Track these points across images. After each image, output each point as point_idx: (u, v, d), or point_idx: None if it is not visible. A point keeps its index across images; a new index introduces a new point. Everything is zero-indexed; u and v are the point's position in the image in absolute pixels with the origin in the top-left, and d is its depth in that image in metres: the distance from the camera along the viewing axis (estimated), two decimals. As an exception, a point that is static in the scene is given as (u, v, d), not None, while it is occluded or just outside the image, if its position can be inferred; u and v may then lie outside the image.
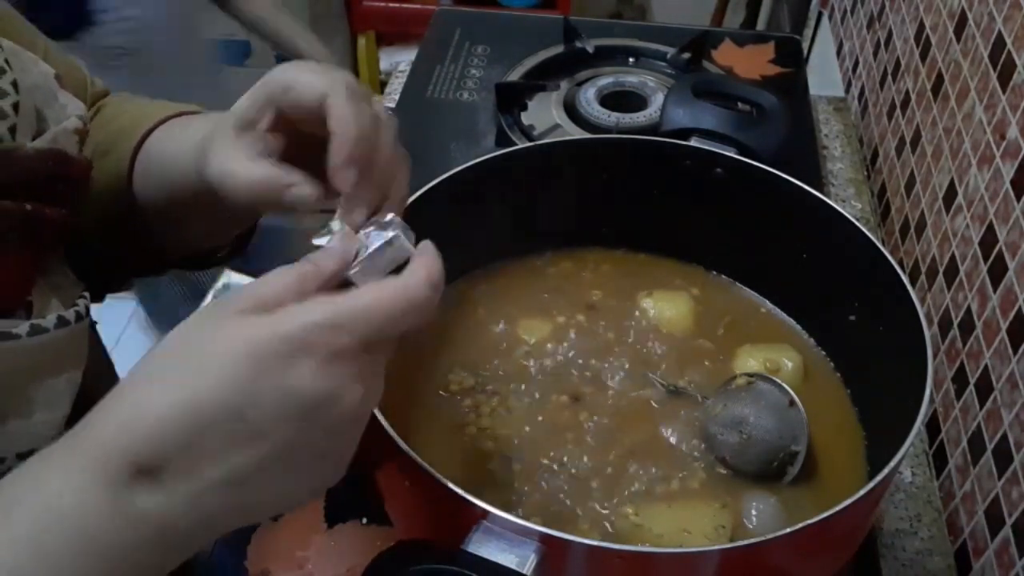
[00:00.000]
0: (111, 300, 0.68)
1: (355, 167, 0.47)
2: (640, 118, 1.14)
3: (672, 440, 0.66)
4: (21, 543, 0.37)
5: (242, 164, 0.50)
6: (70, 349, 0.51)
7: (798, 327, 0.76)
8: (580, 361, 0.72)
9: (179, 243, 0.67)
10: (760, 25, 2.20)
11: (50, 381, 0.49)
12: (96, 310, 0.61)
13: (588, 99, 1.16)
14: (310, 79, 0.49)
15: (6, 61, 0.50)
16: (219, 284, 0.47)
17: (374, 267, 0.45)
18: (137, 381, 0.40)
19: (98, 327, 0.65)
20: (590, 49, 1.27)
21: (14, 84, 0.49)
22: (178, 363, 0.40)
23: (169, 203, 0.61)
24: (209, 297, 0.46)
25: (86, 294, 0.54)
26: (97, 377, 0.55)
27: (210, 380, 0.38)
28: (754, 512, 0.62)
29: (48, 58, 0.60)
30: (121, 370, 0.71)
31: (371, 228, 0.47)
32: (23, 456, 0.46)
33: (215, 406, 0.38)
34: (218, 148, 0.52)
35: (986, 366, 0.80)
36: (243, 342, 0.38)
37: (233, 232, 0.68)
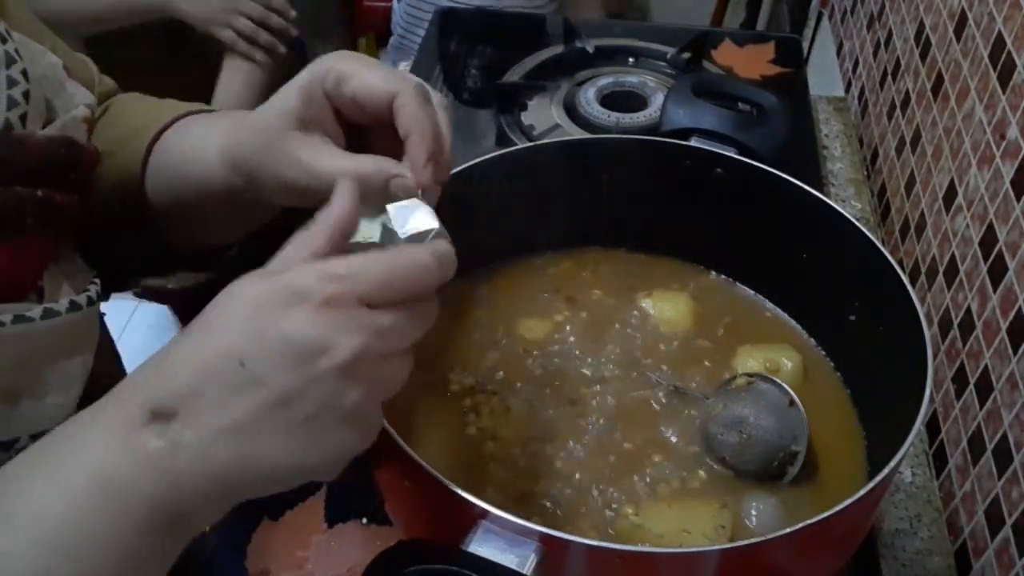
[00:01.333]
0: (112, 299, 0.68)
1: (432, 161, 0.50)
2: (640, 118, 1.14)
3: (672, 440, 0.66)
4: (43, 480, 0.40)
5: (332, 159, 0.52)
6: (82, 332, 0.52)
7: (798, 327, 0.76)
8: (580, 361, 0.72)
9: (190, 241, 0.67)
10: (760, 25, 2.19)
11: (63, 364, 0.50)
12: (102, 306, 0.61)
13: (588, 99, 1.16)
14: (374, 78, 0.50)
15: (16, 51, 0.51)
16: None
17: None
18: (166, 345, 0.42)
19: (106, 318, 0.66)
20: (590, 49, 1.27)
21: (24, 73, 0.50)
22: (198, 325, 0.42)
23: (186, 201, 0.62)
24: None
25: (96, 280, 0.55)
26: (105, 365, 0.55)
27: (216, 330, 0.41)
28: (754, 512, 0.62)
29: (56, 51, 0.61)
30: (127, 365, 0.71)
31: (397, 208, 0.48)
32: (36, 438, 0.47)
33: (217, 353, 0.40)
34: (287, 148, 0.52)
35: (986, 366, 0.80)
36: (248, 295, 0.41)
37: (248, 229, 0.68)
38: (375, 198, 0.50)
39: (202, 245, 0.68)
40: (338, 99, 0.52)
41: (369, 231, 0.48)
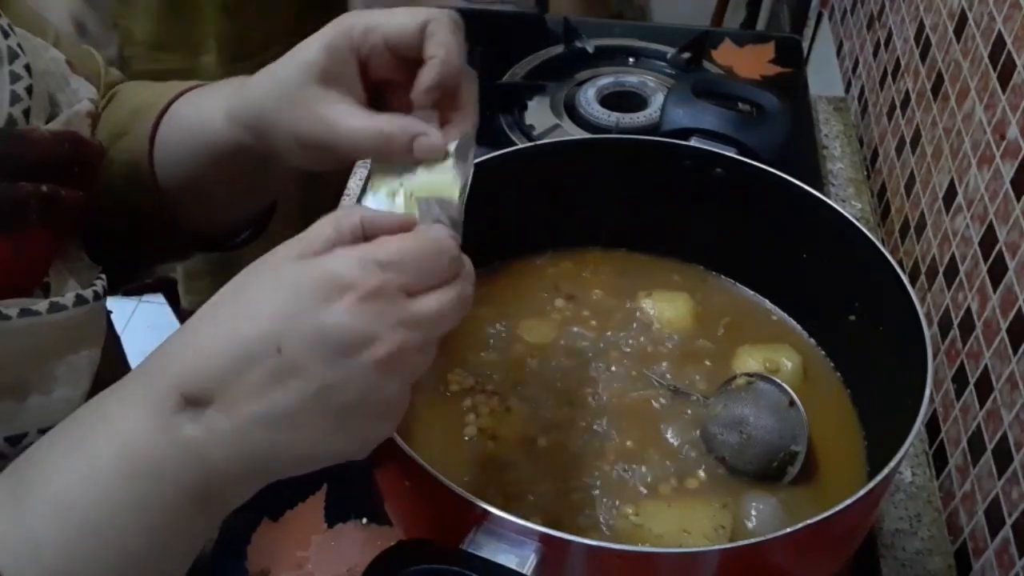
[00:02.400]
0: (112, 299, 0.68)
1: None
2: (640, 118, 1.14)
3: (672, 440, 0.66)
4: (67, 459, 0.40)
5: (355, 117, 0.50)
6: (89, 327, 0.52)
7: (798, 327, 0.76)
8: (580, 361, 0.72)
9: (202, 220, 0.66)
10: (760, 25, 2.19)
11: (70, 358, 0.50)
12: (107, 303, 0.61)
13: (588, 99, 1.17)
14: (402, 14, 0.50)
15: (18, 46, 0.50)
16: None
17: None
18: (193, 321, 0.42)
19: (112, 316, 0.66)
20: (590, 49, 1.27)
21: (27, 68, 0.50)
22: (228, 302, 0.41)
23: (194, 174, 0.61)
24: None
25: (102, 275, 0.55)
26: (110, 363, 0.55)
27: (252, 314, 0.40)
28: (754, 512, 0.62)
29: (59, 46, 0.61)
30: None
31: None
32: (45, 431, 0.47)
33: (254, 339, 0.39)
34: (307, 102, 0.50)
35: (986, 366, 0.80)
36: (285, 279, 0.40)
37: (260, 203, 0.67)
38: (400, 159, 0.49)
39: (214, 225, 0.67)
40: (367, 49, 0.50)
41: (390, 188, 0.48)
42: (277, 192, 0.67)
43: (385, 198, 0.49)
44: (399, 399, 0.42)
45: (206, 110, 0.59)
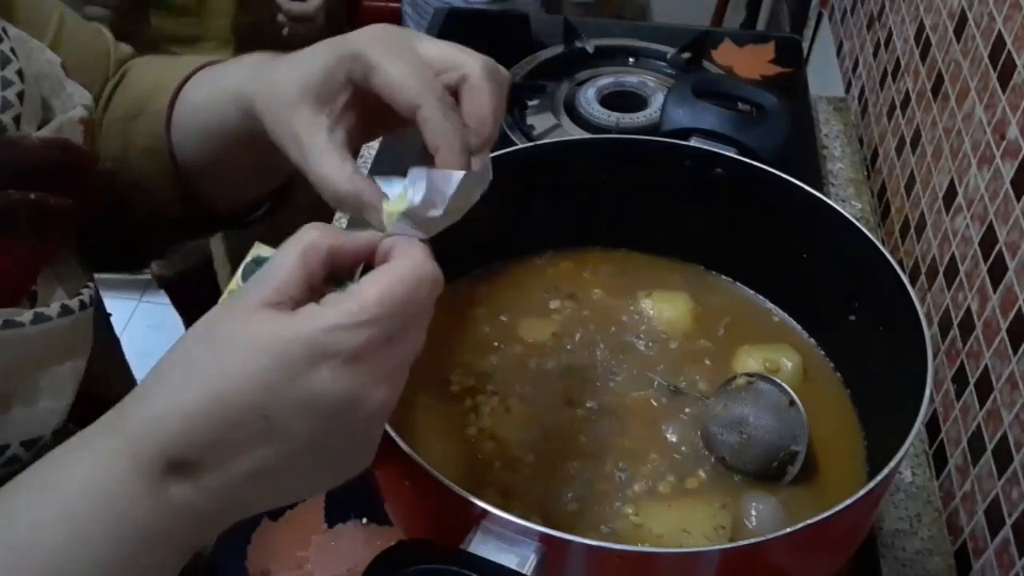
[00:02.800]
0: (112, 299, 0.68)
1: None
2: (640, 118, 1.14)
3: (672, 440, 0.66)
4: (56, 525, 0.39)
5: (329, 163, 0.48)
6: (74, 338, 0.51)
7: (798, 327, 0.76)
8: (580, 361, 0.72)
9: (224, 197, 0.65)
10: (760, 25, 2.19)
11: (54, 369, 0.49)
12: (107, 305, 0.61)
13: (588, 99, 1.17)
14: (398, 76, 0.46)
15: (11, 50, 0.50)
16: (248, 259, 0.46)
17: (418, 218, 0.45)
18: (170, 371, 0.41)
19: (111, 319, 0.66)
20: (590, 49, 1.27)
21: (19, 73, 0.49)
22: (208, 356, 0.40)
23: (210, 153, 0.61)
24: (238, 274, 0.46)
25: (90, 284, 0.54)
26: (108, 363, 0.55)
27: (237, 379, 0.39)
28: (754, 512, 0.62)
29: (63, 28, 0.60)
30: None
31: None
32: (27, 444, 0.46)
33: (241, 405, 0.38)
34: (294, 122, 0.49)
35: (986, 366, 0.80)
36: (266, 343, 0.39)
37: (276, 179, 0.66)
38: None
39: (234, 201, 0.67)
40: (365, 89, 0.49)
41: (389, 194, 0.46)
42: (290, 172, 0.65)
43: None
44: (381, 433, 0.43)
45: (215, 97, 0.58)
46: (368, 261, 0.44)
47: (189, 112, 0.61)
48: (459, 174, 0.45)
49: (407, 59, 0.48)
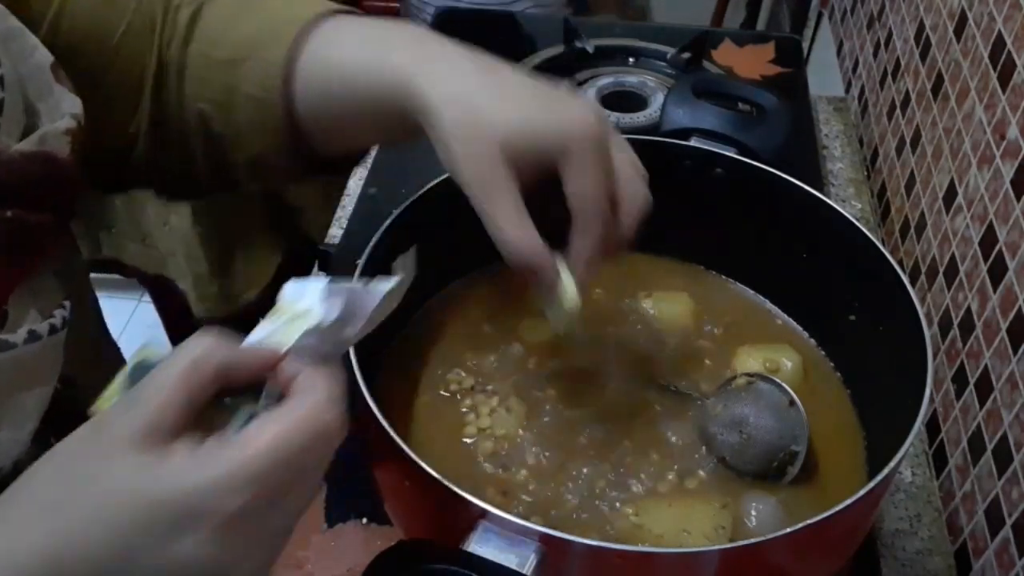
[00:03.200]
0: (112, 299, 0.68)
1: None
2: (640, 118, 1.14)
3: (672, 440, 0.66)
4: None
5: (518, 228, 0.51)
6: (41, 364, 0.48)
7: (798, 327, 0.76)
8: (580, 361, 0.72)
9: (335, 150, 0.62)
10: (760, 25, 2.19)
11: (18, 396, 0.46)
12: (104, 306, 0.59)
13: (588, 99, 1.16)
14: (592, 196, 0.53)
15: None
16: (131, 364, 0.42)
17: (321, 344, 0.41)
18: (16, 505, 0.36)
19: (105, 318, 0.64)
20: (590, 49, 1.27)
21: (0, 80, 0.47)
22: (59, 498, 0.36)
23: (336, 120, 0.57)
24: (118, 380, 0.43)
25: (66, 303, 0.50)
26: (95, 380, 0.53)
27: (82, 537, 0.34)
28: (754, 512, 0.62)
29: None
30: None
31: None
32: None
33: (110, 556, 0.34)
34: (490, 174, 0.50)
35: (986, 366, 0.80)
36: (127, 497, 0.34)
37: (401, 141, 0.62)
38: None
39: (342, 152, 0.64)
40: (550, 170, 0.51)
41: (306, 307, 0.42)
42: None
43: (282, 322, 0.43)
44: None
45: (373, 70, 0.54)
46: (266, 376, 0.40)
47: (320, 72, 0.56)
48: (385, 287, 0.44)
49: (599, 175, 0.54)
